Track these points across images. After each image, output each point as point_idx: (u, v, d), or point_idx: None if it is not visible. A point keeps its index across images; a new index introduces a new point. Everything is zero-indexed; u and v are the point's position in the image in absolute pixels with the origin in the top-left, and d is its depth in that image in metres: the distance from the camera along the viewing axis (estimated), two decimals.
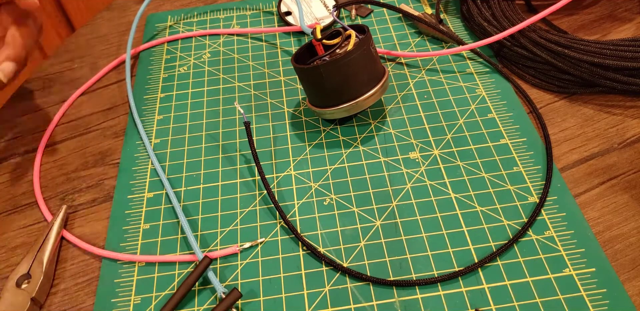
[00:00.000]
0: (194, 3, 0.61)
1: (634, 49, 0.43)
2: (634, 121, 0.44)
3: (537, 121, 0.44)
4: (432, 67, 0.50)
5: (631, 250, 0.36)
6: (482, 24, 0.50)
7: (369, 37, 0.41)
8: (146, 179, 0.44)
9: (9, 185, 0.45)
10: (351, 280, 0.36)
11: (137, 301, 0.37)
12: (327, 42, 0.44)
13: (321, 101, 0.43)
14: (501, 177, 0.41)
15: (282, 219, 0.40)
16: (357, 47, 0.40)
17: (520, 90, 0.47)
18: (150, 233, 0.40)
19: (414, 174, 0.42)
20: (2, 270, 0.40)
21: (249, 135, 0.42)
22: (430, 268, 0.36)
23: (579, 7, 0.54)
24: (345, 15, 0.57)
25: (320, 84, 0.41)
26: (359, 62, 0.40)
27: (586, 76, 0.44)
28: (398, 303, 0.35)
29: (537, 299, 0.34)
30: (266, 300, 0.36)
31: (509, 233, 0.38)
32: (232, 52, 0.54)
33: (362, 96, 0.41)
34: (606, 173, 0.41)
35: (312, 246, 0.38)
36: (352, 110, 0.42)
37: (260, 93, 0.50)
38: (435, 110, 0.46)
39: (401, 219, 0.39)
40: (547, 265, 0.36)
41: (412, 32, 0.54)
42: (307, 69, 0.41)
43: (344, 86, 0.41)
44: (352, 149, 0.44)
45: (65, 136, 0.49)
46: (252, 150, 0.42)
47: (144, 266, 0.39)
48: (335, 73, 0.40)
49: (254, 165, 0.44)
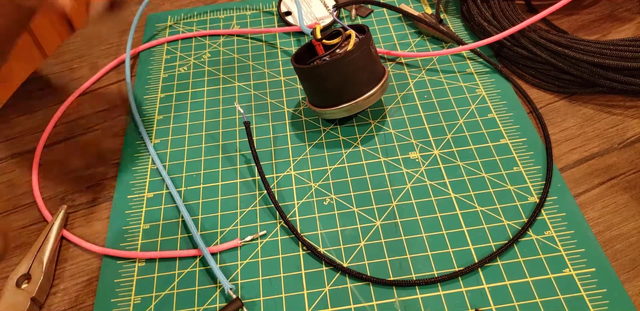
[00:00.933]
0: (194, 3, 0.61)
1: (634, 49, 0.43)
2: (634, 121, 0.44)
3: (537, 121, 0.44)
4: (432, 67, 0.50)
5: (631, 250, 0.36)
6: (482, 24, 0.50)
7: (368, 37, 0.41)
8: (146, 179, 0.44)
9: (9, 185, 0.45)
10: (351, 280, 0.36)
11: (137, 301, 0.37)
12: (327, 42, 0.44)
13: (321, 101, 0.43)
14: (501, 177, 0.41)
15: (282, 219, 0.40)
16: (357, 47, 0.40)
17: (520, 90, 0.47)
18: (150, 233, 0.40)
19: (414, 174, 0.42)
20: (2, 270, 0.40)
21: (249, 135, 0.42)
22: (430, 268, 0.36)
23: (579, 7, 0.54)
24: (345, 15, 0.57)
25: (320, 84, 0.41)
26: (358, 62, 0.40)
27: (586, 76, 0.44)
28: (398, 303, 0.35)
29: (537, 299, 0.34)
30: (266, 300, 0.36)
31: (509, 233, 0.38)
32: (232, 52, 0.54)
33: (362, 96, 0.41)
34: (606, 173, 0.41)
35: (312, 246, 0.38)
36: (352, 110, 0.42)
37: (260, 93, 0.50)
38: (435, 110, 0.46)
39: (401, 219, 0.39)
40: (547, 264, 0.36)
41: (412, 32, 0.54)
42: (307, 69, 0.41)
43: (344, 86, 0.41)
44: (352, 149, 0.44)
45: (65, 136, 0.49)
46: (252, 150, 0.42)
47: (143, 266, 0.39)
48: (335, 73, 0.40)
49: (254, 165, 0.44)
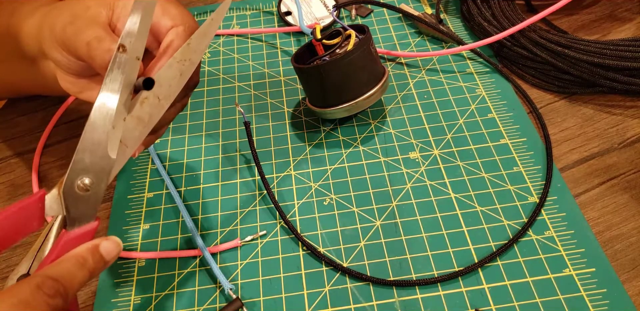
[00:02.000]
0: (194, 3, 0.61)
1: (634, 49, 0.43)
2: (634, 121, 0.44)
3: (537, 121, 0.44)
4: (432, 67, 0.50)
5: (631, 250, 0.36)
6: (482, 24, 0.50)
7: (368, 37, 0.41)
8: (146, 179, 0.44)
9: (9, 185, 0.45)
10: (351, 280, 0.36)
11: (137, 301, 0.37)
12: (327, 42, 0.44)
13: (321, 101, 0.43)
14: (501, 177, 0.41)
15: (282, 219, 0.40)
16: (357, 47, 0.40)
17: (520, 90, 0.47)
18: (150, 233, 0.40)
19: (414, 174, 0.42)
20: (2, 270, 0.40)
21: (249, 135, 0.42)
22: (430, 268, 0.36)
23: (579, 7, 0.54)
24: (345, 15, 0.57)
25: (321, 84, 0.41)
26: (358, 62, 0.40)
27: (586, 76, 0.44)
28: (398, 303, 0.35)
29: (537, 299, 0.34)
30: (266, 300, 0.36)
31: (509, 233, 0.38)
32: (232, 52, 0.54)
33: (362, 96, 0.41)
34: (606, 173, 0.41)
35: (312, 246, 0.38)
36: (352, 110, 0.42)
37: (260, 93, 0.50)
38: (435, 110, 0.46)
39: (401, 219, 0.39)
40: (547, 264, 0.36)
41: (412, 32, 0.54)
42: (307, 69, 0.41)
43: (344, 86, 0.41)
44: (352, 149, 0.44)
45: (65, 136, 0.49)
46: (252, 150, 0.42)
47: (143, 266, 0.38)
48: (335, 73, 0.40)
49: (254, 165, 0.44)
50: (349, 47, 0.41)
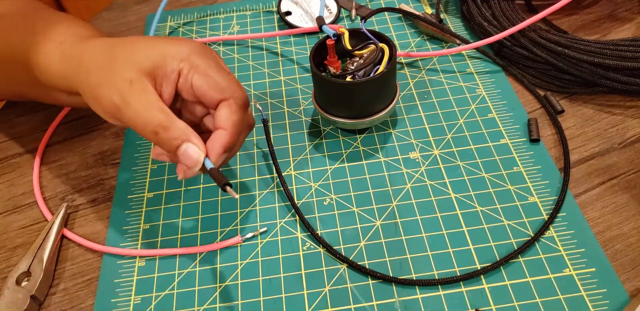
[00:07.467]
0: (194, 3, 0.61)
1: (634, 49, 0.43)
2: (634, 121, 0.44)
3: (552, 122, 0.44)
4: (432, 67, 0.50)
5: (631, 250, 0.36)
6: (482, 24, 0.50)
7: (395, 53, 0.40)
8: (146, 179, 0.44)
9: (9, 185, 0.45)
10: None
11: (137, 301, 0.37)
12: (358, 53, 0.42)
13: (338, 112, 0.42)
14: (501, 177, 0.41)
15: (298, 216, 0.40)
16: (389, 65, 0.39)
17: (531, 90, 0.47)
18: (150, 233, 0.40)
19: (414, 174, 0.42)
20: (2, 269, 0.40)
21: (267, 133, 0.42)
22: (430, 268, 0.36)
23: (579, 7, 0.54)
24: (345, 15, 0.57)
25: (350, 99, 0.40)
26: (389, 78, 0.40)
27: (586, 75, 0.44)
28: (398, 303, 0.35)
29: (537, 299, 0.34)
30: (266, 300, 0.36)
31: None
32: (232, 52, 0.54)
33: (386, 110, 0.41)
34: (606, 173, 0.41)
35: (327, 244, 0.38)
36: (370, 124, 0.42)
37: (261, 93, 0.50)
38: (435, 110, 0.46)
39: (401, 219, 0.39)
40: (547, 265, 0.36)
41: (412, 32, 0.54)
42: (338, 84, 0.39)
43: (373, 102, 0.40)
44: (352, 149, 0.44)
45: (65, 136, 0.49)
46: (269, 147, 0.42)
47: (144, 265, 0.38)
48: (368, 92, 0.39)
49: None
50: (382, 66, 0.40)
